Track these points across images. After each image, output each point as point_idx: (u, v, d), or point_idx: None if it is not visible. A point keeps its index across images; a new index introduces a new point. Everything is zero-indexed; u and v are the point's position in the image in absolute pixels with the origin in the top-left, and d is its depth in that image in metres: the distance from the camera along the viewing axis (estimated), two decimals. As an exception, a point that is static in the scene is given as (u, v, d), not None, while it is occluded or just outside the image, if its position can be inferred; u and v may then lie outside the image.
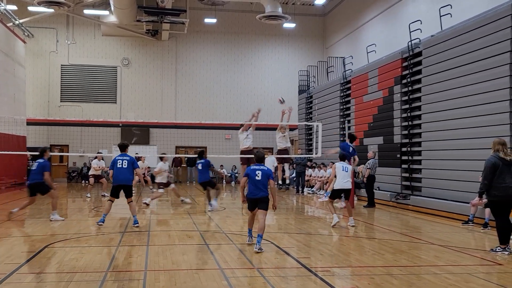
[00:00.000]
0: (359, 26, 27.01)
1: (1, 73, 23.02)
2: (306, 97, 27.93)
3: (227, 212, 14.76)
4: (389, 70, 18.44)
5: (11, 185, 23.34)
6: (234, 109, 31.74)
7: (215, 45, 32.16)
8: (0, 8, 24.12)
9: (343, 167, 11.93)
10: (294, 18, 29.20)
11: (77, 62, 30.71)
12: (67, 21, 30.34)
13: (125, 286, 6.11)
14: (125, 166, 10.97)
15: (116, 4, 25.25)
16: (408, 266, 7.42)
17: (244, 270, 7.10)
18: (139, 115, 30.27)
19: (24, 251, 8.22)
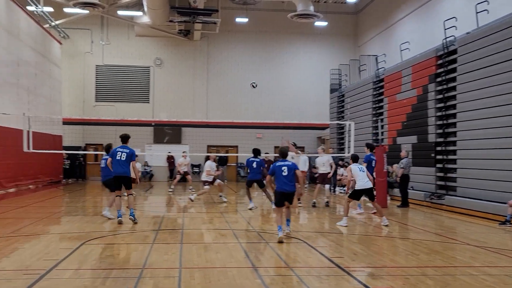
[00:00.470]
0: (392, 24, 26.68)
1: (38, 73, 23.59)
2: (337, 96, 27.76)
3: (260, 211, 14.79)
4: (423, 68, 18.16)
5: (47, 183, 23.90)
6: (266, 108, 31.76)
7: (246, 44, 32.25)
8: (37, 10, 24.70)
9: (359, 168, 11.99)
10: (325, 16, 29.02)
11: (111, 63, 31.23)
12: (102, 22, 30.87)
13: (161, 283, 6.20)
14: (123, 158, 11.10)
15: (149, 5, 25.57)
16: (443, 267, 7.32)
17: (277, 269, 7.12)
18: (171, 115, 30.60)
19: (62, 248, 8.40)
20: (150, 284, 6.11)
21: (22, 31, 21.29)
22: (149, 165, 30.70)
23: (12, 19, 20.24)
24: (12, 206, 14.98)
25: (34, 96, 22.72)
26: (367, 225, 12.32)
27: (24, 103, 21.20)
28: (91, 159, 30.21)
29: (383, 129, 21.22)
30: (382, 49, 26.03)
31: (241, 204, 16.42)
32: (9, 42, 19.86)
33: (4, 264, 7.27)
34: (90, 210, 14.85)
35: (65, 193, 20.89)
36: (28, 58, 22.30)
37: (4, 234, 9.69)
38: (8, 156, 18.39)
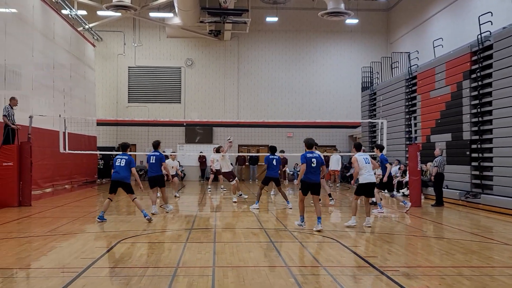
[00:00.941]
0: (425, 20, 26.26)
1: (73, 75, 24.09)
2: (369, 94, 27.48)
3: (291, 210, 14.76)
4: (457, 65, 17.83)
5: (82, 183, 24.37)
6: (296, 107, 31.71)
7: (276, 43, 32.23)
8: (71, 14, 25.22)
9: (364, 158, 11.17)
10: (356, 14, 28.78)
11: (143, 64, 31.66)
12: (134, 24, 31.33)
13: (195, 281, 6.25)
14: (122, 165, 11.46)
15: (180, 6, 25.81)
16: (480, 267, 7.17)
17: (310, 268, 7.09)
18: (202, 115, 30.85)
19: (98, 247, 8.56)
20: (184, 283, 6.17)
21: (57, 34, 21.77)
22: (181, 165, 30.97)
23: (48, 23, 20.71)
24: (49, 205, 15.33)
25: (69, 98, 23.21)
26: (401, 224, 12.16)
27: (60, 105, 21.68)
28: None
29: (416, 127, 20.90)
30: (415, 45, 25.64)
31: (271, 203, 16.41)
32: (45, 45, 20.33)
33: (43, 262, 7.46)
34: (124, 210, 15.07)
35: (99, 193, 21.26)
36: (63, 60, 22.79)
37: (42, 233, 9.93)
38: (45, 156, 18.84)
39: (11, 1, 17.16)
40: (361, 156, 11.14)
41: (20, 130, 15.29)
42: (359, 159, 11.06)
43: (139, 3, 26.83)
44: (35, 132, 17.00)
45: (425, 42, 24.73)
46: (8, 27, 16.66)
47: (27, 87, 18.31)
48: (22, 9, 18.13)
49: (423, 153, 17.06)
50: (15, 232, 10.31)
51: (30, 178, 15.33)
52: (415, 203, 15.52)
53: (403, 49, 26.95)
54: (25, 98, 18.02)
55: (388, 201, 18.01)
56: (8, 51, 16.61)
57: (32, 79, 18.71)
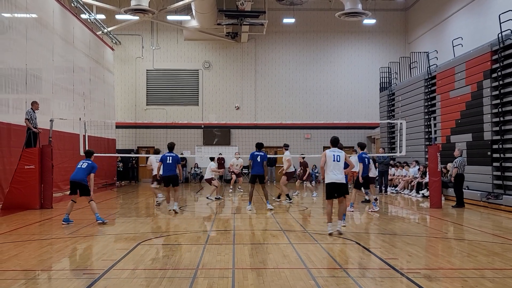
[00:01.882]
0: (443, 19, 26.01)
1: (92, 79, 24.35)
2: (387, 94, 27.28)
3: (310, 211, 14.72)
4: (477, 64, 17.62)
5: (102, 185, 24.59)
6: (314, 109, 31.63)
7: (293, 44, 32.19)
8: (90, 18, 25.50)
9: (334, 155, 9.75)
10: (374, 14, 28.61)
11: (161, 67, 31.87)
12: (152, 28, 31.56)
13: (215, 283, 6.27)
14: (83, 167, 11.94)
15: (198, 9, 25.93)
16: (503, 269, 7.07)
17: (330, 270, 7.06)
18: (220, 116, 30.93)
19: (119, 249, 8.63)
20: (205, 285, 6.19)
21: (77, 38, 22.03)
22: (199, 167, 31.11)
23: (67, 27, 20.97)
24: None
25: (89, 101, 23.46)
26: (421, 226, 12.05)
27: (80, 108, 21.93)
28: (143, 161, 30.81)
29: (436, 127, 20.69)
30: (434, 45, 25.40)
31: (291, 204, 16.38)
32: (65, 50, 20.59)
33: (65, 264, 7.55)
34: (144, 212, 15.18)
35: (119, 195, 21.45)
36: (83, 64, 23.05)
37: (63, 235, 10.05)
38: (65, 159, 19.05)
39: (32, 6, 17.42)
40: (331, 152, 9.84)
41: (41, 133, 15.51)
42: (328, 155, 9.79)
43: (157, 7, 27.01)
44: (56, 135, 17.22)
45: (444, 41, 24.49)
46: (29, 32, 16.91)
47: (48, 90, 18.56)
48: (42, 14, 18.38)
49: (443, 154, 16.88)
50: (37, 234, 10.45)
51: (51, 181, 15.51)
52: (435, 204, 15.37)
53: (421, 49, 26.73)
54: (46, 101, 18.26)
55: (408, 202, 17.88)
56: (29, 56, 16.86)
57: (53, 83, 18.96)
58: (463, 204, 15.65)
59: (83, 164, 12.01)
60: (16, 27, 16.31)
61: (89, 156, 12.46)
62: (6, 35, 15.65)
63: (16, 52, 16.15)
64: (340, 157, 9.84)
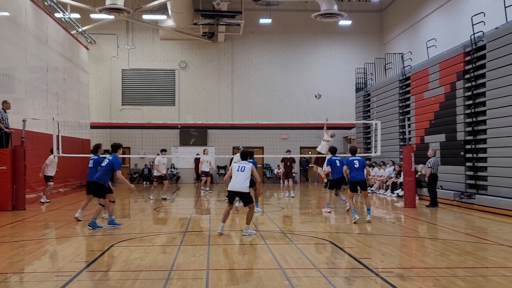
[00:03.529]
0: (418, 21, 26.34)
1: (66, 79, 23.99)
2: (363, 95, 27.52)
3: (286, 212, 14.75)
4: (451, 65, 17.88)
5: (76, 186, 24.25)
6: (290, 109, 31.71)
7: (270, 45, 32.24)
8: (64, 17, 25.13)
9: (240, 166, 10.14)
10: (350, 15, 28.81)
11: (136, 66, 31.59)
12: (127, 27, 31.26)
13: (189, 284, 6.23)
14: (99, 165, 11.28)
15: (174, 8, 25.77)
16: (475, 268, 7.17)
17: (305, 270, 7.07)
18: (196, 117, 30.79)
19: (92, 250, 8.52)
20: (179, 286, 6.14)
21: (51, 37, 21.68)
22: (176, 168, 30.95)
23: (41, 26, 20.62)
24: (43, 209, 15.26)
25: (63, 101, 23.11)
26: (395, 225, 12.18)
27: (54, 108, 21.58)
28: (118, 162, 30.50)
29: (410, 127, 20.94)
30: (408, 46, 25.71)
31: (268, 205, 16.39)
32: (39, 49, 20.24)
33: (36, 266, 7.41)
34: (119, 213, 15.01)
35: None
36: (57, 63, 22.70)
37: (36, 237, 9.88)
38: (39, 160, 18.72)
39: (4, 4, 17.08)
40: (237, 164, 10.27)
41: (13, 133, 15.22)
42: (234, 166, 10.30)
43: (132, 6, 26.76)
44: (29, 136, 16.93)
45: (418, 42, 24.80)
46: (1, 31, 16.59)
47: (21, 90, 18.22)
48: (15, 13, 18.04)
49: (417, 154, 17.09)
50: (9, 236, 10.24)
51: (24, 182, 15.25)
52: (410, 204, 15.55)
53: (396, 50, 27.04)
54: (19, 101, 17.92)
55: (383, 201, 18.05)
56: (1, 55, 16.53)
57: (26, 82, 18.61)
58: (437, 203, 15.86)
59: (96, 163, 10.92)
60: (-13, 26, 15.98)
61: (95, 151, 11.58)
62: (-24, 33, 15.33)
63: (-13, 51, 15.83)
64: (245, 168, 10.12)
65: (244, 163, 10.23)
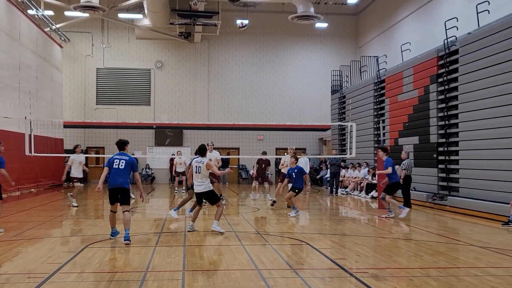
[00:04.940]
0: (392, 25, 26.69)
1: (39, 77, 23.60)
2: (339, 97, 27.75)
3: (261, 212, 14.77)
4: (424, 69, 18.16)
5: (49, 187, 23.89)
6: (267, 110, 31.79)
7: (247, 46, 32.27)
8: (38, 14, 24.73)
9: (196, 166, 10.10)
10: (326, 18, 29.05)
11: (112, 66, 31.27)
12: (102, 25, 30.92)
13: (164, 285, 6.19)
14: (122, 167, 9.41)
15: (150, 8, 25.60)
16: (447, 268, 7.30)
17: (280, 271, 7.09)
18: (172, 117, 30.63)
19: (65, 251, 8.40)
20: (154, 287, 6.10)
21: (23, 34, 21.31)
22: (151, 168, 30.72)
23: (13, 23, 20.26)
24: (15, 209, 14.98)
25: (35, 100, 22.74)
26: (369, 226, 12.30)
27: (26, 107, 21.21)
28: (92, 162, 30.18)
29: (385, 130, 21.21)
30: (383, 50, 26.04)
31: (243, 206, 16.40)
32: (10, 46, 19.87)
33: (8, 267, 7.26)
34: (92, 214, 14.83)
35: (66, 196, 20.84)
36: (29, 61, 22.32)
37: (7, 238, 9.68)
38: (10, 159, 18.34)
39: (-25, 0, 16.73)
40: (194, 161, 10.24)
41: (-16, 132, 14.90)
42: (192, 165, 10.32)
43: (108, 4, 26.47)
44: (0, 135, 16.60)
45: (393, 46, 25.12)
46: (-28, 27, 16.24)
47: (-8, 88, 17.87)
48: (-13, 9, 17.69)
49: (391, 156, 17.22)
50: (-21, 237, 10.03)
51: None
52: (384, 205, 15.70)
53: (372, 53, 27.34)
54: (-11, 99, 17.59)
55: (358, 203, 18.22)
56: (-28, 51, 16.18)
57: (-3, 80, 18.27)
58: (410, 205, 16.06)
59: (120, 163, 9.42)
60: (-42, 21, 15.63)
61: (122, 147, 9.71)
62: None
63: (-43, 47, 15.47)
64: (200, 168, 10.12)
65: (200, 163, 10.14)
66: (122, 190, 9.39)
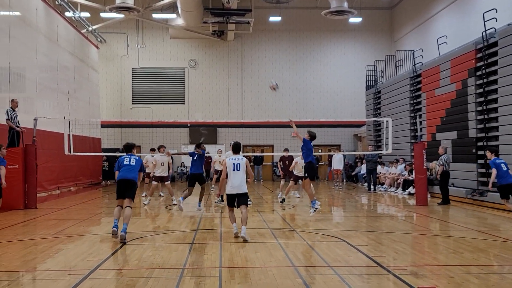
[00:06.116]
0: (428, 18, 26.17)
1: (77, 78, 24.11)
2: (373, 93, 27.40)
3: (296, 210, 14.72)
4: (462, 62, 17.75)
5: (87, 185, 24.39)
6: (300, 107, 31.66)
7: (280, 43, 32.18)
8: (74, 16, 25.24)
9: (234, 164, 9.54)
10: (360, 12, 28.71)
11: (146, 65, 31.67)
12: (137, 26, 31.34)
13: (202, 282, 6.23)
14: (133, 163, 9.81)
15: (183, 7, 25.81)
16: (488, 265, 7.13)
17: (317, 268, 7.06)
18: (206, 115, 30.83)
19: (105, 248, 8.55)
20: (192, 284, 6.15)
21: (61, 36, 21.79)
22: (186, 166, 31.00)
23: (52, 26, 20.73)
24: (55, 207, 15.36)
25: (73, 100, 23.24)
26: (407, 223, 12.11)
27: (64, 107, 21.70)
28: (129, 160, 30.58)
29: (422, 125, 20.82)
30: (419, 43, 25.57)
31: (277, 203, 16.37)
32: (49, 48, 20.35)
33: (49, 264, 7.45)
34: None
35: (104, 195, 21.28)
36: (67, 63, 22.82)
37: (48, 235, 9.93)
38: (50, 159, 18.86)
39: (15, 4, 17.19)
40: (231, 161, 9.59)
41: (25, 132, 15.29)
42: (228, 164, 9.58)
43: (142, 4, 26.82)
44: (40, 135, 17.03)
45: (429, 39, 24.65)
46: (12, 30, 16.69)
47: (32, 89, 18.34)
48: (26, 12, 18.15)
49: (428, 152, 16.97)
50: (21, 234, 10.32)
51: (36, 181, 15.33)
52: (422, 201, 15.46)
53: (407, 47, 26.89)
54: (30, 100, 18.05)
55: (395, 199, 17.98)
56: (12, 54, 16.64)
57: (36, 81, 18.73)
58: (449, 201, 15.77)
59: (131, 160, 9.81)
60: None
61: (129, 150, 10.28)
62: (-12, 33, 15.43)
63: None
64: (240, 165, 9.59)
65: (239, 159, 9.66)
66: (130, 182, 9.54)
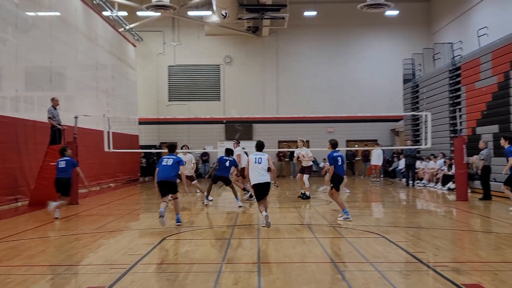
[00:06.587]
0: (468, 9, 25.54)
1: (115, 76, 24.56)
2: (411, 86, 26.95)
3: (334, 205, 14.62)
4: (503, 54, 17.27)
5: (126, 181, 24.84)
6: (336, 102, 31.38)
7: (315, 38, 31.99)
8: (112, 15, 25.69)
9: (256, 158, 10.09)
10: (396, 5, 28.18)
11: (182, 62, 32.00)
12: (173, 24, 31.68)
13: (241, 277, 6.26)
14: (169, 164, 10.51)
15: (218, 4, 25.93)
16: (534, 263, 6.92)
17: (357, 264, 6.99)
18: (241, 111, 30.87)
19: (145, 243, 8.69)
20: (231, 279, 6.18)
21: (99, 35, 22.22)
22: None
23: (90, 25, 21.17)
24: (95, 203, 15.70)
25: (112, 98, 23.69)
26: (447, 219, 11.88)
27: (103, 105, 22.15)
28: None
29: (461, 119, 20.36)
30: (458, 36, 24.98)
31: (314, 199, 16.30)
32: (88, 47, 20.79)
33: (92, 259, 7.63)
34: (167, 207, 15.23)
35: (142, 191, 21.62)
36: (106, 61, 23.27)
37: (90, 230, 10.16)
38: (90, 156, 19.27)
39: (55, 4, 17.61)
40: (253, 156, 10.14)
41: (66, 130, 15.65)
42: (250, 159, 10.16)
43: (178, 2, 27.07)
44: (80, 132, 17.39)
45: (468, 32, 24.06)
46: (53, 30, 17.12)
47: (72, 88, 18.79)
48: (66, 12, 18.58)
49: (469, 146, 16.60)
50: (64, 230, 10.58)
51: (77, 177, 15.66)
52: (462, 197, 15.13)
53: (445, 40, 26.32)
54: (70, 99, 18.49)
55: (434, 195, 17.67)
56: (53, 54, 17.07)
57: (76, 80, 19.18)
58: (490, 196, 15.38)
59: (168, 161, 10.54)
60: (40, 26, 16.52)
61: (172, 150, 10.93)
62: (30, 33, 15.87)
63: (40, 50, 16.36)
64: (261, 159, 10.08)
65: (260, 154, 10.17)
66: (167, 182, 10.37)
